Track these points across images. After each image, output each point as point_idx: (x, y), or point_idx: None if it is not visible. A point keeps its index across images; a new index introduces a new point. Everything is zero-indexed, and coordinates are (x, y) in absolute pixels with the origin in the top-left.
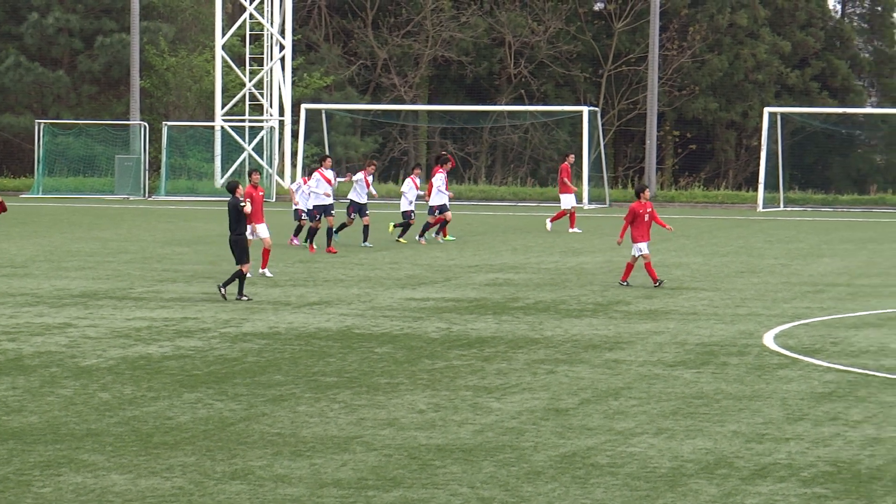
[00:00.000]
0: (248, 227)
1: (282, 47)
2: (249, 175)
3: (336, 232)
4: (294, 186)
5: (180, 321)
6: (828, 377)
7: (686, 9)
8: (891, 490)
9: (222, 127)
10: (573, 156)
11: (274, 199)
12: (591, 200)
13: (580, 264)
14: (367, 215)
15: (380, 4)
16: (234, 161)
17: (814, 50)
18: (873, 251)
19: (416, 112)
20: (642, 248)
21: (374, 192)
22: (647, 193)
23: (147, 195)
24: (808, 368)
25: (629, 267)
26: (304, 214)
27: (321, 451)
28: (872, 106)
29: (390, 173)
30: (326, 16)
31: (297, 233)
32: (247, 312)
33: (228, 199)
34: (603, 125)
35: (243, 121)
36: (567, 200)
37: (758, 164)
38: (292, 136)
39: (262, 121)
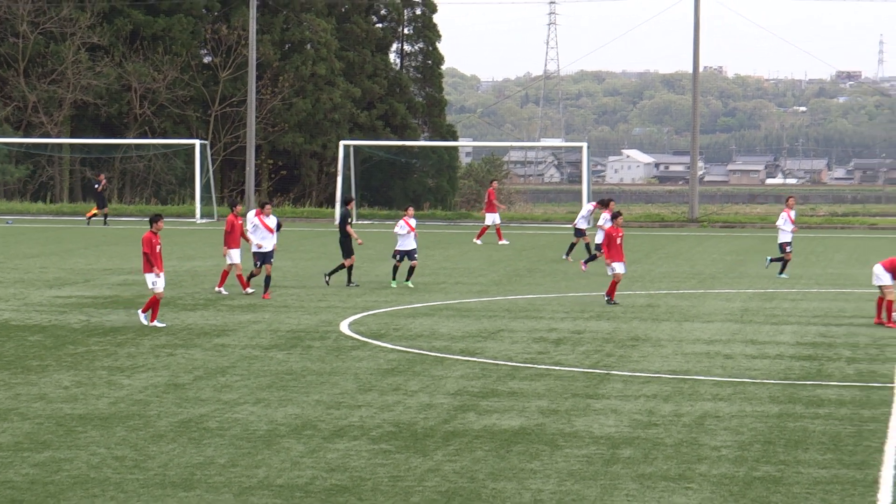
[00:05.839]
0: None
1: None
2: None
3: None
4: (249, 229)
5: None
6: (391, 356)
7: (277, 61)
8: (440, 445)
9: None
10: (496, 182)
11: None
12: (202, 216)
13: (193, 267)
14: (415, 259)
15: (30, 56)
16: None
17: (379, 95)
18: (426, 255)
19: (60, 145)
20: (616, 267)
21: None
22: (620, 220)
23: None
24: (376, 349)
25: (614, 284)
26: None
27: None
28: (425, 140)
29: (40, 194)
30: None
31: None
32: None
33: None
34: (212, 155)
35: None
36: (490, 218)
37: (335, 186)
38: None
39: None
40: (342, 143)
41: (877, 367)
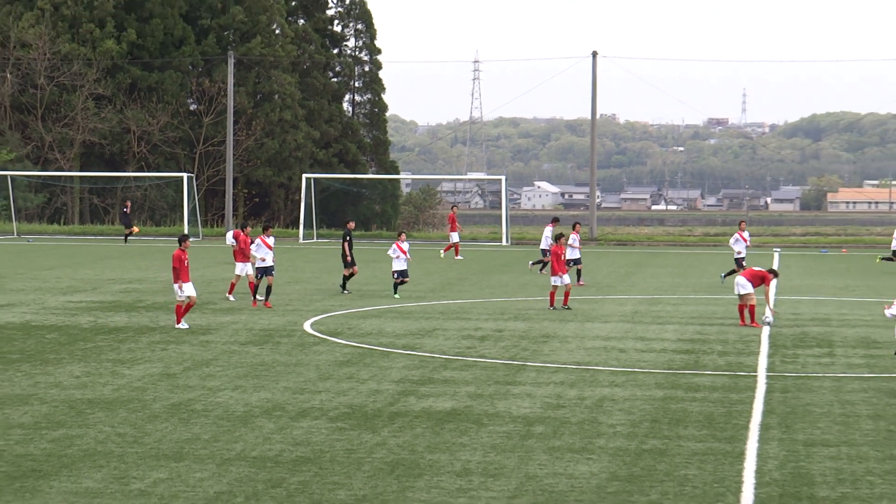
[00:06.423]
0: (175, 285)
1: None
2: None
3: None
4: (253, 247)
5: None
6: (346, 350)
7: (251, 109)
8: (386, 423)
9: None
10: (457, 207)
11: None
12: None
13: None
14: (396, 277)
15: (46, 104)
16: None
17: (334, 136)
18: (374, 267)
19: (72, 177)
20: (564, 278)
21: (409, 258)
22: (563, 240)
23: None
24: (333, 345)
25: (552, 294)
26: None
27: (9, 405)
28: (373, 173)
29: (55, 218)
30: (10, 112)
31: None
32: None
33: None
34: (197, 186)
35: None
36: (454, 236)
37: (299, 212)
38: None
39: None
40: (305, 176)
41: (743, 360)
